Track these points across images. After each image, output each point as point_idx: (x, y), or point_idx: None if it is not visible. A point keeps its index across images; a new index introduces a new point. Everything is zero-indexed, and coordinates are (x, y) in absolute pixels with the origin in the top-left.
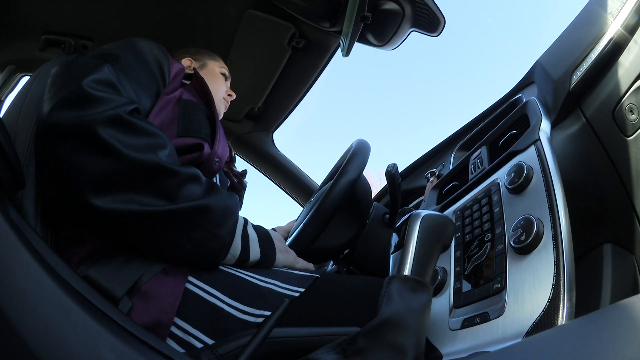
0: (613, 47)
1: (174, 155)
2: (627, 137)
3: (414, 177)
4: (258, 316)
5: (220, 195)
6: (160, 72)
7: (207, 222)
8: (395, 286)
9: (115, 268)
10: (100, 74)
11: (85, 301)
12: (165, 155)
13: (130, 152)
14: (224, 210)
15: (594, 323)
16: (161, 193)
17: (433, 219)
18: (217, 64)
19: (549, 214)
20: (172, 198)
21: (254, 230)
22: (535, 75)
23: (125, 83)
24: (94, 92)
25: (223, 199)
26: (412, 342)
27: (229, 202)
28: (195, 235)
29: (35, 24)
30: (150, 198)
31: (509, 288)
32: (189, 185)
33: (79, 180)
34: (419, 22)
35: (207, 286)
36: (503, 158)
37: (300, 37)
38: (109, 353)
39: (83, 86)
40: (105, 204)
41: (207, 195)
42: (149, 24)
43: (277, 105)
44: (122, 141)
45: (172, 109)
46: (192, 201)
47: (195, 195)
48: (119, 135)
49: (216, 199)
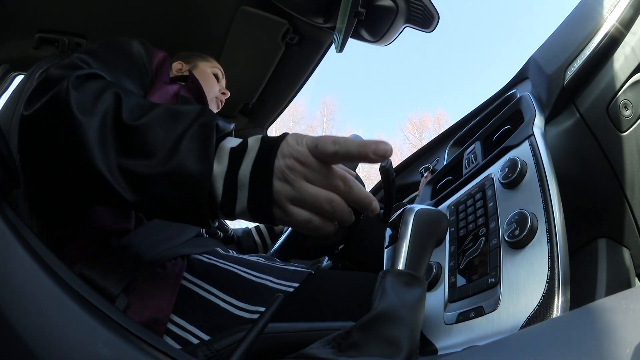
0: (608, 43)
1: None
2: (621, 133)
3: (408, 172)
4: (253, 312)
5: (193, 138)
6: (141, 61)
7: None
8: (389, 280)
9: (111, 266)
10: (66, 60)
11: (81, 298)
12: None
13: (86, 117)
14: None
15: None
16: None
17: (427, 213)
18: (208, 64)
19: (543, 209)
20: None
21: (251, 166)
22: (529, 71)
23: (101, 68)
24: (55, 75)
25: (194, 143)
26: (406, 336)
27: (206, 148)
28: (173, 191)
29: (28, 23)
30: (130, 158)
31: (504, 282)
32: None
33: (57, 157)
34: (413, 17)
35: (203, 282)
36: (497, 153)
37: (294, 33)
38: (104, 348)
39: (47, 75)
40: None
41: (174, 148)
42: (142, 20)
43: (271, 101)
44: (80, 105)
45: (170, 102)
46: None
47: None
48: (78, 99)
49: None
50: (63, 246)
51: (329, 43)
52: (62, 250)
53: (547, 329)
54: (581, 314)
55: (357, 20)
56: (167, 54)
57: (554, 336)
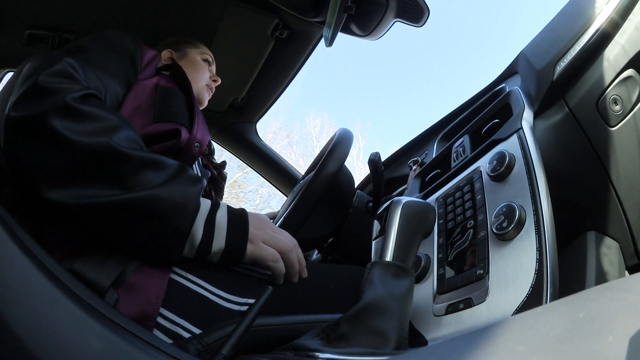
0: (598, 39)
1: (134, 139)
2: (611, 128)
3: (396, 165)
4: (242, 304)
5: (181, 181)
6: (131, 59)
7: (162, 212)
8: (376, 272)
9: (100, 259)
10: (57, 66)
11: (72, 293)
12: (119, 137)
13: (79, 138)
14: (181, 197)
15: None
16: (115, 180)
17: (414, 206)
18: (197, 50)
19: (531, 201)
20: (125, 186)
21: (226, 216)
22: (518, 66)
23: (88, 72)
24: (47, 85)
25: (183, 186)
26: (394, 327)
27: (192, 189)
28: (152, 225)
29: (18, 20)
30: (104, 188)
31: (492, 274)
32: (145, 171)
33: (35, 174)
34: (403, 12)
35: (191, 275)
36: (485, 146)
37: (283, 27)
38: (97, 342)
39: (38, 81)
40: (59, 197)
41: (167, 183)
42: (132, 15)
43: (260, 96)
44: (73, 129)
45: (149, 95)
46: (147, 190)
47: (152, 182)
48: (69, 124)
49: (174, 186)
50: (52, 241)
51: (319, 38)
52: (51, 245)
53: (531, 317)
54: (565, 303)
55: (346, 15)
56: (156, 52)
57: (539, 324)
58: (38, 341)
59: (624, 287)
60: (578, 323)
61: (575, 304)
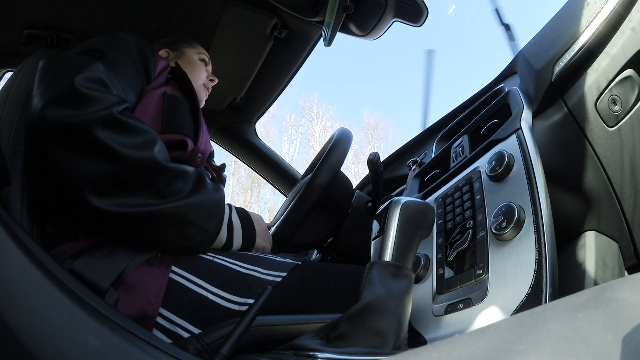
0: (597, 40)
1: (165, 151)
2: (610, 128)
3: (396, 165)
4: (242, 304)
5: (207, 189)
6: (145, 68)
7: (196, 219)
8: (376, 272)
9: (99, 260)
10: (91, 71)
11: (71, 292)
12: (158, 151)
13: (126, 151)
14: (211, 205)
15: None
16: (153, 190)
17: (413, 206)
18: (194, 50)
19: (530, 201)
20: (161, 195)
21: (237, 217)
22: (517, 66)
23: (114, 80)
24: (86, 91)
25: (210, 193)
26: (393, 327)
27: (217, 196)
28: (185, 230)
29: (17, 19)
30: (143, 197)
31: (491, 274)
32: (177, 181)
33: (77, 182)
34: (402, 12)
35: (191, 275)
36: (484, 146)
37: (282, 27)
38: (95, 340)
39: (75, 84)
40: (103, 205)
41: (194, 191)
42: (130, 15)
43: (259, 96)
44: (119, 141)
45: (156, 104)
46: (181, 199)
47: (183, 191)
48: (115, 136)
49: (203, 194)
50: (56, 245)
51: (317, 37)
52: (55, 250)
53: (531, 317)
54: (564, 303)
55: (345, 15)
56: (168, 63)
57: (538, 324)
58: (37, 340)
59: (623, 288)
60: (577, 323)
61: (574, 304)
